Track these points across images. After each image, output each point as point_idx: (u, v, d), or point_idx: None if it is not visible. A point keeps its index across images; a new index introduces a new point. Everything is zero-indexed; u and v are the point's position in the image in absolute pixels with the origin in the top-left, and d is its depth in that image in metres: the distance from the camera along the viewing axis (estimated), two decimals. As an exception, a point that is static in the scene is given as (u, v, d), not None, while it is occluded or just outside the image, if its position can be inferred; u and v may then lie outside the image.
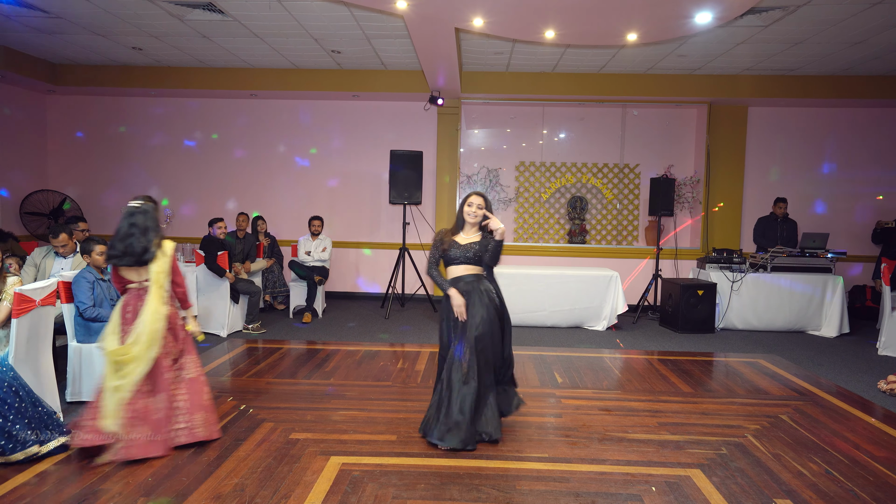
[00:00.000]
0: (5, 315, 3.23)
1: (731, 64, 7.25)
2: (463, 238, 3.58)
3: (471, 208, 3.53)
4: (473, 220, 3.54)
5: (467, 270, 3.53)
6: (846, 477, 3.09)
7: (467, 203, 3.55)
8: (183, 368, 3.38)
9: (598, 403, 4.19)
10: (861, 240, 8.29)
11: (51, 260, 4.81)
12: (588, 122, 8.51)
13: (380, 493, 2.80)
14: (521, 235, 8.58)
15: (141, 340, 3.15)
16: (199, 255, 6.06)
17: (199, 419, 3.30)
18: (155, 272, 3.29)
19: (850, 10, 5.35)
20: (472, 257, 3.51)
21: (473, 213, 3.52)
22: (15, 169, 8.03)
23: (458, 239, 3.58)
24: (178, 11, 5.80)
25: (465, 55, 7.17)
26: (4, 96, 7.83)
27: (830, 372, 5.17)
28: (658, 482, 2.98)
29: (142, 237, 3.24)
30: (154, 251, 3.26)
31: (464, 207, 3.56)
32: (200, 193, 8.68)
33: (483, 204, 3.54)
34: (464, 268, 3.52)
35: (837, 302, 6.68)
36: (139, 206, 3.30)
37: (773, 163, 8.37)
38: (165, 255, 3.33)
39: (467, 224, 3.58)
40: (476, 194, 3.57)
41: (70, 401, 3.91)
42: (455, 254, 3.52)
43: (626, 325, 7.09)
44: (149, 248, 3.24)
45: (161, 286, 3.30)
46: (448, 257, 3.56)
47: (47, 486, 2.80)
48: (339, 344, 5.82)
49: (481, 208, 3.53)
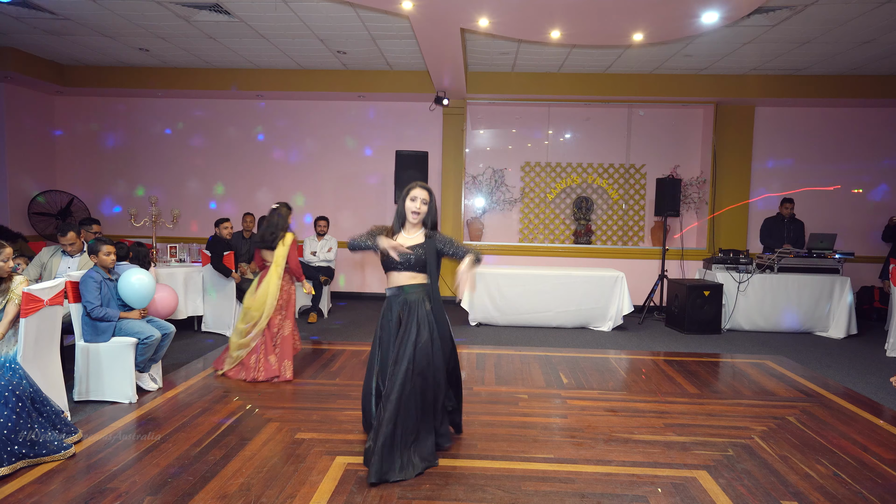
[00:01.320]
0: (13, 315, 3.25)
1: (738, 64, 7.22)
2: (404, 238, 3.12)
3: (414, 203, 3.06)
4: (415, 219, 3.08)
5: (411, 279, 3.08)
6: (854, 479, 3.06)
7: (410, 197, 3.07)
8: (282, 328, 4.62)
9: (603, 404, 4.18)
10: (869, 240, 8.24)
11: (58, 259, 4.84)
12: (594, 123, 8.49)
13: (385, 492, 2.80)
14: (526, 236, 8.56)
15: (260, 300, 4.53)
16: (205, 255, 6.08)
17: (286, 365, 4.57)
18: (276, 255, 4.57)
19: (858, 10, 5.32)
20: (415, 263, 3.05)
21: (417, 208, 3.06)
22: (23, 169, 8.08)
23: (399, 238, 3.13)
24: (185, 13, 5.83)
25: (471, 55, 7.17)
26: (13, 97, 7.88)
27: (838, 373, 5.14)
28: (664, 483, 2.97)
29: (273, 230, 4.60)
30: (278, 241, 4.57)
31: (406, 202, 3.08)
32: (206, 194, 8.71)
33: (427, 199, 3.09)
34: (407, 275, 3.07)
35: (845, 303, 6.64)
36: (276, 208, 4.69)
37: (781, 163, 8.33)
38: (284, 245, 4.58)
39: (409, 223, 3.12)
40: (420, 187, 3.09)
41: (77, 400, 3.93)
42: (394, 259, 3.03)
43: (631, 325, 7.06)
44: (276, 238, 4.58)
45: (279, 266, 4.57)
46: (387, 262, 3.09)
47: (55, 485, 2.81)
48: (345, 344, 5.83)
49: (426, 203, 3.08)
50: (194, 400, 4.06)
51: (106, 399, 3.95)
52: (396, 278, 3.11)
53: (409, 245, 3.08)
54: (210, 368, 4.82)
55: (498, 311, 6.83)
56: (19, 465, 2.90)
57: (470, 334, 6.43)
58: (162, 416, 3.75)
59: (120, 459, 3.10)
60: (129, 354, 3.95)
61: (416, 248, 3.07)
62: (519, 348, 5.81)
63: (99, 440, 3.34)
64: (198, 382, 4.46)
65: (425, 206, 3.10)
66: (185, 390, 4.27)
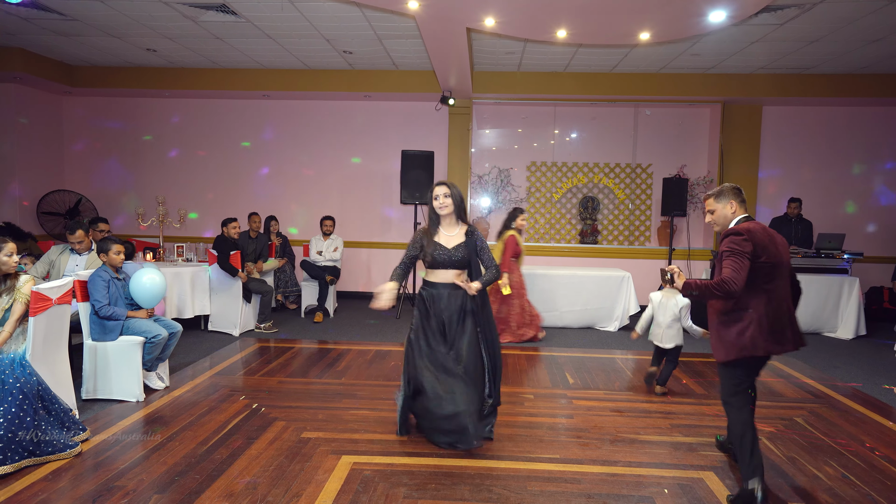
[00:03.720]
0: (20, 314, 3.27)
1: (746, 63, 7.18)
2: (445, 238, 3.33)
3: (437, 201, 3.31)
4: (444, 211, 3.30)
5: (457, 277, 3.30)
6: (863, 481, 3.04)
7: (433, 196, 3.32)
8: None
9: (609, 404, 4.17)
10: (879, 240, 8.18)
11: (66, 256, 4.87)
12: (600, 122, 8.47)
13: (391, 492, 2.80)
14: (532, 236, 8.55)
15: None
16: (211, 254, 6.10)
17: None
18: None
19: (867, 8, 5.28)
20: (459, 262, 3.27)
21: (441, 203, 3.29)
22: (32, 169, 8.14)
23: (439, 240, 3.33)
24: (192, 13, 5.85)
25: (477, 55, 7.17)
26: (22, 98, 7.94)
27: (847, 374, 5.10)
28: (670, 484, 2.96)
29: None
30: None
31: (432, 203, 3.34)
32: (212, 193, 8.75)
33: (448, 192, 3.29)
34: (452, 273, 3.30)
35: (854, 303, 6.59)
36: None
37: (788, 163, 8.28)
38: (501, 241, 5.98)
39: (442, 217, 3.34)
40: (438, 184, 3.33)
41: (85, 398, 3.96)
42: (440, 256, 3.27)
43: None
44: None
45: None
46: (431, 260, 3.29)
47: (63, 483, 2.83)
48: (351, 343, 5.84)
49: (447, 196, 3.28)
50: (201, 399, 4.08)
51: (113, 397, 3.97)
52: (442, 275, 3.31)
53: (452, 245, 3.31)
54: (215, 368, 4.84)
55: (504, 311, 6.83)
56: (24, 464, 2.92)
57: (476, 334, 6.43)
58: (169, 414, 3.77)
59: (127, 458, 3.12)
60: (137, 353, 3.97)
61: (458, 249, 3.30)
62: (525, 348, 5.80)
63: (106, 438, 3.36)
64: (204, 381, 4.48)
65: (448, 198, 3.29)
66: (192, 389, 4.29)
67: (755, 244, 2.73)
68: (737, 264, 2.69)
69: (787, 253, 2.90)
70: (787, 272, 2.90)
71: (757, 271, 2.73)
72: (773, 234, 2.86)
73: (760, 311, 2.76)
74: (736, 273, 2.67)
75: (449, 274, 3.29)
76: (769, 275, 2.77)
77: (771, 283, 2.78)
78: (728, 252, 2.74)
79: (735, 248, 2.72)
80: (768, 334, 2.76)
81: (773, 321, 2.78)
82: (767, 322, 2.76)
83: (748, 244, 2.72)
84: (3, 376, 2.97)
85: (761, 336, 2.75)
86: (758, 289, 2.76)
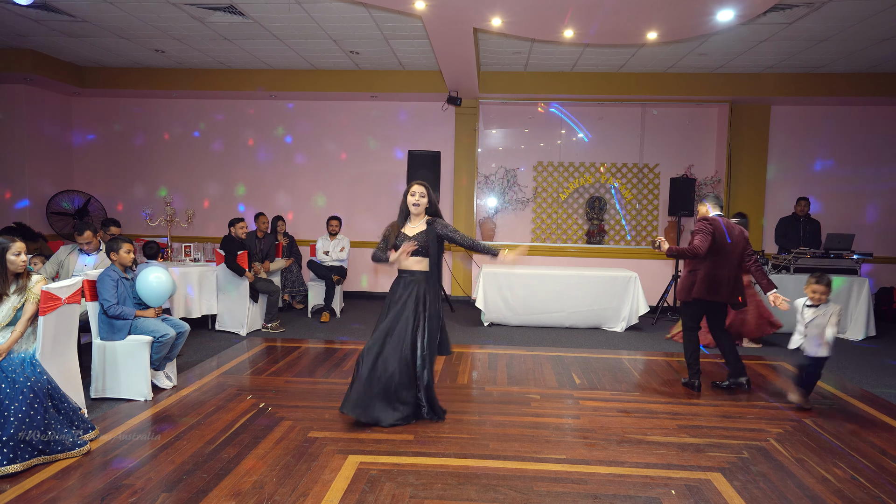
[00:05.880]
0: (31, 314, 3.30)
1: (754, 62, 7.14)
2: (410, 229, 3.70)
3: (413, 197, 3.66)
4: (416, 210, 3.67)
5: (416, 264, 3.63)
6: (872, 483, 3.02)
7: (410, 193, 3.68)
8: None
9: (616, 405, 4.15)
10: (889, 241, 8.11)
11: (74, 256, 4.91)
12: (607, 122, 8.44)
13: (397, 492, 2.81)
14: (538, 236, 8.54)
15: None
16: (219, 254, 6.13)
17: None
18: None
19: (876, 7, 5.24)
20: (419, 249, 3.61)
21: (416, 201, 3.65)
22: (42, 170, 8.21)
23: (405, 230, 3.71)
24: (200, 14, 5.89)
25: (483, 55, 7.16)
26: (32, 98, 8.01)
27: (856, 375, 5.06)
28: (678, 485, 2.94)
29: None
30: None
31: (406, 198, 3.69)
32: (220, 193, 8.79)
33: (425, 192, 3.67)
34: (413, 260, 3.63)
35: (864, 304, 6.54)
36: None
37: (796, 162, 8.23)
38: None
39: (412, 215, 3.72)
40: (417, 183, 3.70)
41: (94, 397, 3.99)
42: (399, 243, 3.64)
43: (645, 326, 7.02)
44: None
45: None
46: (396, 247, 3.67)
47: (72, 481, 2.85)
48: (357, 343, 5.85)
49: (423, 196, 3.66)
50: (208, 398, 4.10)
51: (122, 396, 4.00)
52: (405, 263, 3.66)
53: (413, 234, 3.66)
54: (222, 368, 4.86)
55: (511, 311, 6.82)
56: (34, 462, 2.95)
57: (482, 334, 6.42)
58: (177, 413, 3.79)
59: (135, 456, 3.14)
60: (145, 352, 4.00)
61: (419, 235, 3.65)
62: (531, 348, 5.80)
63: (115, 437, 3.38)
64: (212, 381, 4.50)
65: (423, 198, 3.67)
66: (200, 388, 4.31)
67: (714, 230, 4.27)
68: (702, 238, 4.24)
69: (742, 239, 4.37)
70: (735, 251, 4.32)
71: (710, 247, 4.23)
72: (731, 226, 4.35)
73: (705, 272, 4.28)
74: (701, 243, 4.22)
75: (410, 261, 3.63)
76: (716, 252, 4.27)
77: (716, 256, 4.27)
78: (698, 230, 4.30)
79: (703, 228, 4.30)
80: (707, 288, 4.28)
81: (711, 280, 4.28)
82: (707, 280, 4.27)
83: (710, 227, 4.28)
84: (14, 375, 2.99)
85: (703, 288, 4.29)
86: (707, 259, 4.27)
